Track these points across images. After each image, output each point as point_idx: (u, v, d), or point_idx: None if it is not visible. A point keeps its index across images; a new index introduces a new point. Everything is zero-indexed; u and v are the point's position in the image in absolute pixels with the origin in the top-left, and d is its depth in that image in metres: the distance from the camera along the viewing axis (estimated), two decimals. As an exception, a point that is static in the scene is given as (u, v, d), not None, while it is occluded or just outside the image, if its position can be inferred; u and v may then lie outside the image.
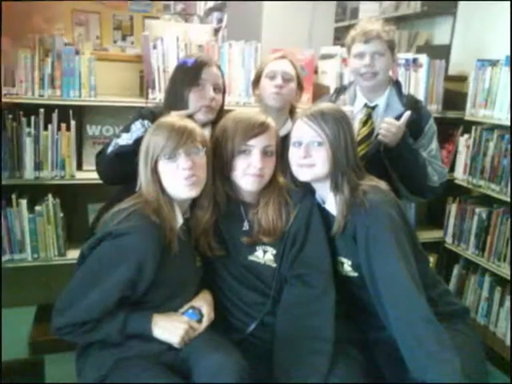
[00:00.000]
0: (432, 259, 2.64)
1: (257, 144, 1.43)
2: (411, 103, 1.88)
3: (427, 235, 2.74)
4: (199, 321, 1.42)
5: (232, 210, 1.52)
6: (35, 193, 2.19)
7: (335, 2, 3.45)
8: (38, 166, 2.09)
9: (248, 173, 1.44)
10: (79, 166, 2.24)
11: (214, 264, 1.52)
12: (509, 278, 2.27)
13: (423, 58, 2.53)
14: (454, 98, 2.66)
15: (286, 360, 1.35)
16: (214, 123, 1.71)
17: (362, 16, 3.97)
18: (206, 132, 1.63)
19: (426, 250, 1.59)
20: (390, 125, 1.72)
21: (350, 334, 1.49)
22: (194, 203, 1.47)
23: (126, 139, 1.65)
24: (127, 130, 1.68)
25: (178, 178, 1.35)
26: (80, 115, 2.26)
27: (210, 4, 6.09)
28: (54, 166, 2.11)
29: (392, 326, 1.33)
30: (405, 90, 2.16)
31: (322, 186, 1.50)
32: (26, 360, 2.19)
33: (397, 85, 1.93)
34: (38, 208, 2.10)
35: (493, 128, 2.41)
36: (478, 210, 2.50)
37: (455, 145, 2.67)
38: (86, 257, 1.36)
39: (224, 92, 1.81)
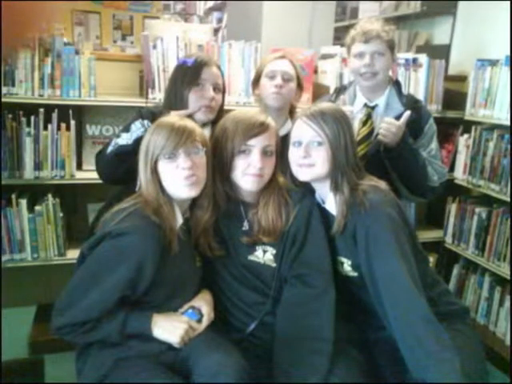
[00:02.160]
0: (432, 259, 2.64)
1: (257, 144, 1.43)
2: (411, 103, 1.88)
3: (427, 235, 2.74)
4: (199, 321, 1.42)
5: (232, 210, 1.52)
6: (35, 193, 2.19)
7: (335, 1, 3.45)
8: (38, 166, 2.08)
9: (248, 173, 1.44)
10: (79, 166, 2.23)
11: (213, 264, 1.52)
12: (509, 277, 2.27)
13: (423, 58, 2.52)
14: (454, 97, 2.65)
15: (285, 360, 1.35)
16: (213, 123, 1.71)
17: (361, 16, 3.97)
18: (206, 132, 1.63)
19: (425, 249, 1.59)
20: (389, 124, 1.72)
21: (350, 334, 1.49)
22: (193, 203, 1.47)
23: (125, 139, 1.65)
24: (127, 129, 1.68)
25: (178, 178, 1.35)
26: (80, 115, 2.26)
27: (210, 4, 6.10)
28: (54, 166, 2.11)
29: (392, 326, 1.33)
30: (405, 90, 2.16)
31: (322, 186, 1.50)
32: (26, 360, 2.18)
33: (396, 85, 1.93)
34: (37, 208, 2.09)
35: (493, 128, 2.41)
36: (477, 209, 2.50)
37: (455, 145, 2.67)
38: (85, 257, 1.36)
39: (224, 92, 1.80)
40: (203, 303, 1.46)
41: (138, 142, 1.52)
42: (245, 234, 1.50)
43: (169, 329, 1.35)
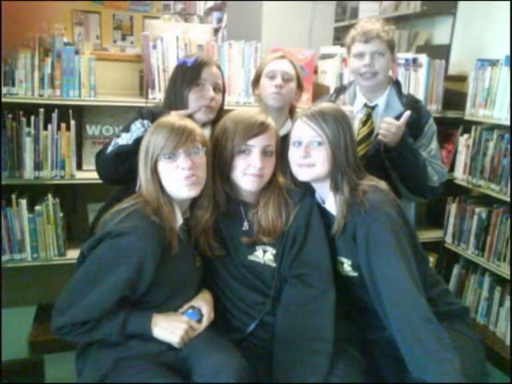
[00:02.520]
0: (432, 259, 2.64)
1: (257, 144, 1.43)
2: (411, 103, 1.88)
3: (427, 235, 2.73)
4: (199, 321, 1.42)
5: (232, 210, 1.52)
6: (35, 193, 2.19)
7: (335, 1, 3.45)
8: (38, 166, 2.08)
9: (248, 173, 1.44)
10: (79, 166, 2.23)
11: (213, 264, 1.52)
12: (509, 277, 2.27)
13: (423, 58, 2.52)
14: (454, 97, 2.65)
15: (285, 360, 1.35)
16: (213, 123, 1.71)
17: (361, 16, 3.97)
18: (206, 132, 1.63)
19: (425, 249, 1.59)
20: (389, 124, 1.72)
21: (349, 334, 1.49)
22: (193, 203, 1.47)
23: (125, 139, 1.65)
24: (127, 129, 1.68)
25: (178, 178, 1.35)
26: (80, 115, 2.26)
27: (210, 4, 6.09)
28: (54, 166, 2.10)
29: (392, 326, 1.33)
30: (405, 90, 2.16)
31: (322, 186, 1.50)
32: (26, 360, 2.19)
33: (396, 85, 1.93)
34: (37, 208, 2.09)
35: (493, 128, 2.41)
36: (477, 209, 2.50)
37: (455, 145, 2.67)
38: (85, 257, 1.36)
39: (224, 92, 1.81)
40: (203, 303, 1.46)
41: (138, 142, 1.52)
42: (245, 234, 1.50)
43: (169, 329, 1.35)
